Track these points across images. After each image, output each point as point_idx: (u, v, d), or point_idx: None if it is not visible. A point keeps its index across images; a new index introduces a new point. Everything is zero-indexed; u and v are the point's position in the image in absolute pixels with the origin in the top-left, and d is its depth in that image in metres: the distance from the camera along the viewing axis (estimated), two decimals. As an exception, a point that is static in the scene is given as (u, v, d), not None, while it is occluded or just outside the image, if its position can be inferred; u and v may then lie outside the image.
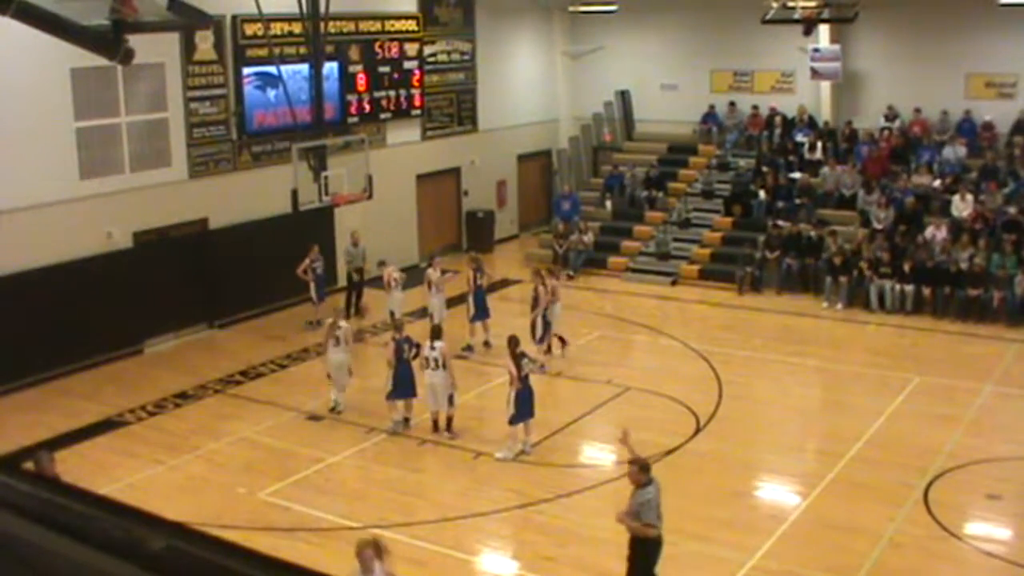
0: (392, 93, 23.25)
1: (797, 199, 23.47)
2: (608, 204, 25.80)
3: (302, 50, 19.92)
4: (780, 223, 22.74)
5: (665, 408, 15.49)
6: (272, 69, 19.23)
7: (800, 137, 25.29)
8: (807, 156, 24.79)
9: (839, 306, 20.70)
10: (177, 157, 19.12)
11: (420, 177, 24.67)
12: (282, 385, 16.85)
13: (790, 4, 22.54)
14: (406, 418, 14.70)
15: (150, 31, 14.67)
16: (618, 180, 26.07)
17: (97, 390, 16.53)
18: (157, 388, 16.55)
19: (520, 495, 12.70)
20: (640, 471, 9.62)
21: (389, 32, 23.22)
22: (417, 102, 23.95)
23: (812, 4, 22.84)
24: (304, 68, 19.94)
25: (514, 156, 27.67)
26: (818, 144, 24.76)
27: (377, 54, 22.80)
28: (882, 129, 24.54)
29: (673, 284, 22.81)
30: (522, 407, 13.56)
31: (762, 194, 23.94)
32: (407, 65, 23.58)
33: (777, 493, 13.17)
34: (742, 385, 16.55)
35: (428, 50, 24.35)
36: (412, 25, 23.82)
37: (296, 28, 19.70)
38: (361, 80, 22.42)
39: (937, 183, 22.87)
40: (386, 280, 18.77)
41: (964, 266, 20.01)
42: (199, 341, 19.18)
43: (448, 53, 25.24)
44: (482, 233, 25.98)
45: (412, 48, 23.75)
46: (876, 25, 24.42)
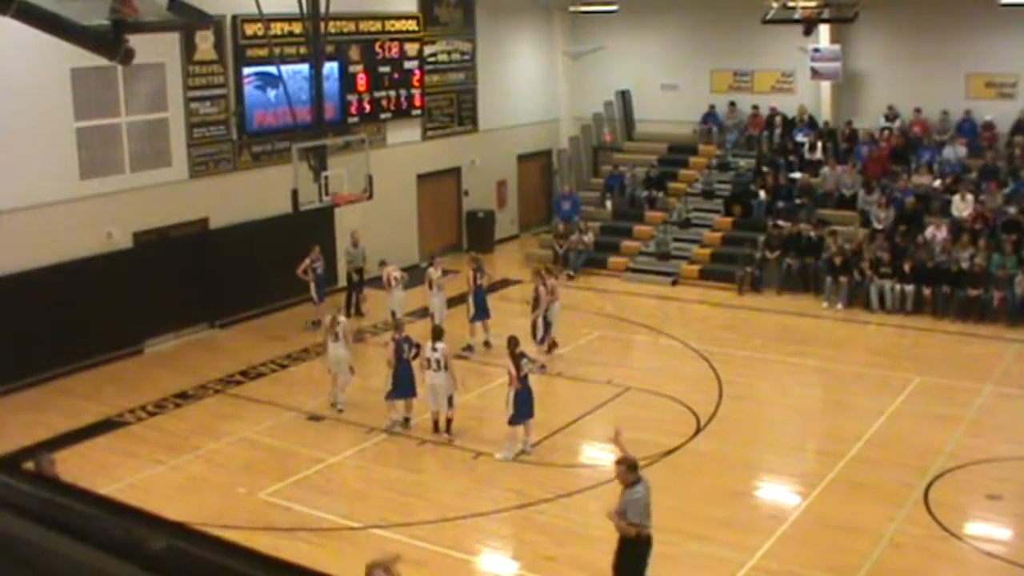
0: (392, 93, 23.24)
1: (797, 199, 23.47)
2: (608, 204, 25.79)
3: (302, 50, 19.93)
4: (780, 223, 22.74)
5: (665, 408, 15.49)
6: (272, 69, 19.24)
7: (800, 137, 25.28)
8: (807, 156, 24.79)
9: (839, 306, 20.70)
10: (177, 157, 19.12)
11: (420, 177, 24.67)
12: (282, 385, 16.86)
13: (790, 4, 22.53)
14: (406, 418, 14.70)
15: (150, 31, 14.66)
16: (618, 180, 26.07)
17: (97, 390, 16.53)
18: (157, 388, 16.56)
19: (520, 495, 12.70)
20: (628, 470, 9.54)
21: (389, 32, 23.22)
22: (417, 102, 23.95)
23: (812, 4, 22.84)
24: (304, 68, 19.94)
25: (514, 156, 27.67)
26: (818, 144, 24.76)
27: (377, 54, 22.80)
28: (882, 129, 24.53)
29: (673, 284, 22.81)
30: (521, 407, 13.56)
31: (762, 194, 23.94)
32: (407, 65, 23.58)
33: (777, 493, 13.17)
34: (742, 385, 16.55)
35: (428, 50, 24.35)
36: (412, 25, 23.81)
37: (296, 28, 19.71)
38: (361, 80, 22.41)
39: (937, 183, 22.87)
40: (385, 279, 18.76)
41: (964, 266, 20.01)
42: (199, 341, 19.18)
43: (448, 53, 25.24)
44: (482, 233, 25.97)
45: (412, 48, 23.74)
46: (876, 25, 24.42)
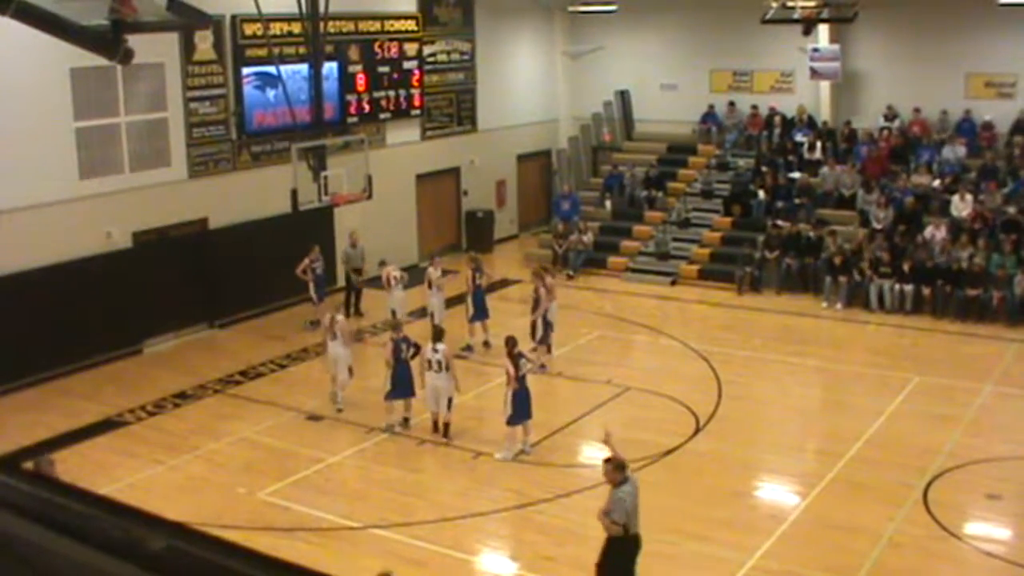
0: (392, 93, 23.24)
1: (796, 199, 23.47)
2: (608, 204, 25.79)
3: (302, 50, 19.94)
4: (780, 223, 22.74)
5: (665, 408, 15.49)
6: (272, 69, 19.24)
7: (799, 137, 25.29)
8: (806, 156, 24.79)
9: (839, 306, 20.70)
10: (177, 157, 19.12)
11: (420, 177, 24.67)
12: (282, 385, 16.86)
13: (789, 4, 22.53)
14: (405, 418, 14.70)
15: (149, 31, 14.66)
16: (618, 180, 26.07)
17: (97, 390, 16.53)
18: (157, 388, 16.55)
19: (519, 495, 12.70)
20: (615, 470, 9.50)
21: (389, 32, 23.21)
22: (417, 102, 23.94)
23: (812, 4, 22.83)
24: (304, 68, 19.96)
25: (514, 156, 27.67)
26: (817, 144, 24.76)
27: (377, 54, 22.79)
28: (881, 129, 24.54)
29: (673, 284, 22.81)
30: (519, 408, 13.55)
31: (761, 194, 23.94)
32: (407, 65, 23.58)
33: (777, 493, 13.17)
34: (742, 385, 16.55)
35: (428, 50, 24.34)
36: (412, 25, 23.81)
37: (296, 28, 19.70)
38: (360, 80, 22.41)
39: (937, 183, 22.87)
40: (385, 279, 18.75)
41: (964, 266, 20.02)
42: (199, 341, 19.18)
43: (448, 53, 25.24)
44: (482, 233, 25.97)
45: (412, 48, 23.74)
46: (876, 25, 24.42)
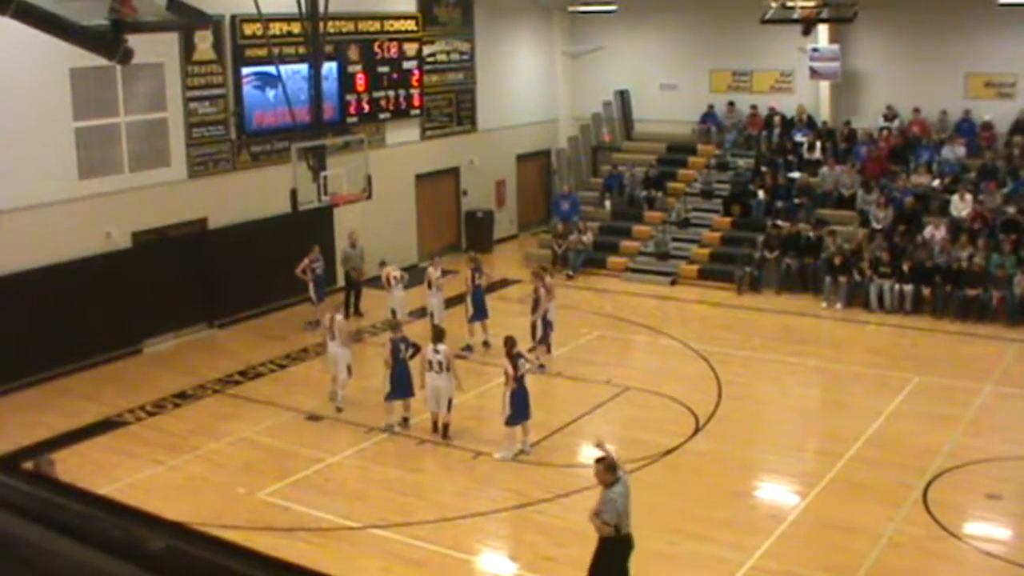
0: (391, 93, 23.23)
1: (796, 199, 23.47)
2: (607, 204, 25.78)
3: (301, 50, 19.94)
4: (779, 223, 22.74)
5: (664, 408, 15.49)
6: (271, 69, 19.23)
7: (799, 137, 25.29)
8: (806, 156, 24.80)
9: (838, 306, 20.70)
10: (176, 157, 19.12)
11: (419, 177, 24.67)
12: (282, 385, 16.85)
13: (789, 4, 22.52)
14: (405, 418, 14.70)
15: (149, 31, 14.65)
16: (617, 180, 26.07)
17: (97, 390, 16.52)
18: (156, 388, 16.55)
19: (519, 495, 12.70)
20: (606, 470, 9.49)
21: (388, 32, 23.21)
22: (416, 102, 23.94)
23: (811, 4, 22.83)
24: (303, 68, 19.95)
25: (513, 156, 27.66)
26: (817, 144, 24.76)
27: (376, 54, 22.79)
28: (881, 129, 24.54)
29: (672, 284, 22.81)
30: (517, 408, 13.54)
31: (761, 194, 23.94)
32: (406, 65, 23.57)
33: (777, 493, 13.17)
34: (742, 385, 16.55)
35: (427, 50, 24.34)
36: (411, 25, 23.81)
37: (295, 28, 19.70)
38: (360, 80, 22.41)
39: (936, 183, 22.88)
40: (385, 279, 18.75)
41: (963, 266, 20.02)
42: (198, 341, 19.17)
43: (447, 53, 25.24)
44: (481, 233, 25.97)
45: (411, 48, 23.74)
46: (875, 25, 24.42)
